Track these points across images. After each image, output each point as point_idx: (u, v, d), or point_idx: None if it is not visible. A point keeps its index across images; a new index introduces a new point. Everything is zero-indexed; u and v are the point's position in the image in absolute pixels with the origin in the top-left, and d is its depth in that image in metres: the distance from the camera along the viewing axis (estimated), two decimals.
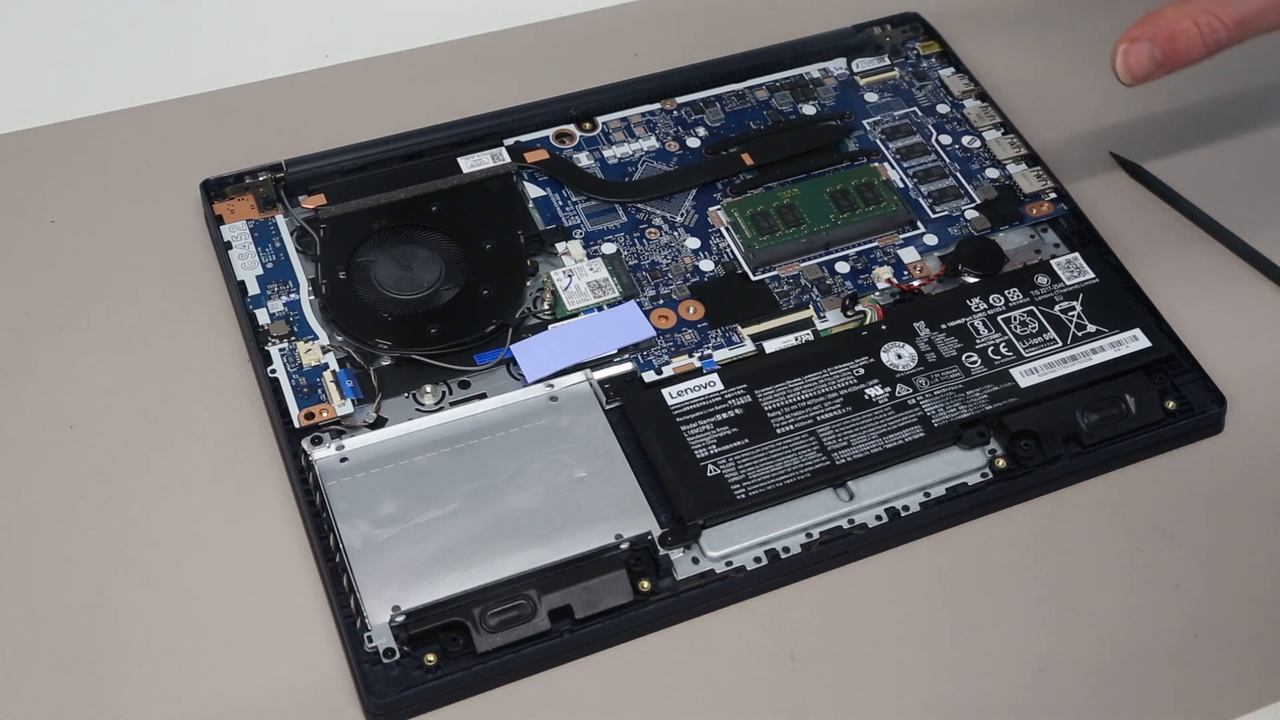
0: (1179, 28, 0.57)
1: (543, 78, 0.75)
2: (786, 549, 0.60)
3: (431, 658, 0.56)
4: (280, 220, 0.68)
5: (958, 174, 0.72)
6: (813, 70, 0.77)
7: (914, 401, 0.63)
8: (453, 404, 0.63)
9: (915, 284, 0.68)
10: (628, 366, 0.64)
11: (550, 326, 0.65)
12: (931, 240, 0.70)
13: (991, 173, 0.72)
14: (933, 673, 0.58)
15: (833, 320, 0.66)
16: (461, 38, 0.80)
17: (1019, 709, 0.57)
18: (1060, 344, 0.65)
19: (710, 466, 0.61)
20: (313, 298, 0.65)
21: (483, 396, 0.63)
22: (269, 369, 0.63)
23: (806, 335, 0.66)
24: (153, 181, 0.72)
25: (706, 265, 0.68)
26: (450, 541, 0.58)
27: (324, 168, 0.70)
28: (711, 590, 0.59)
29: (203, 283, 0.68)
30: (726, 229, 0.69)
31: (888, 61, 0.77)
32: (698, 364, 0.64)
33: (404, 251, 0.67)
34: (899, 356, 0.65)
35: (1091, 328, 0.66)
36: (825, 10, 0.80)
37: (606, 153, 0.72)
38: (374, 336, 0.64)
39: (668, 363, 0.64)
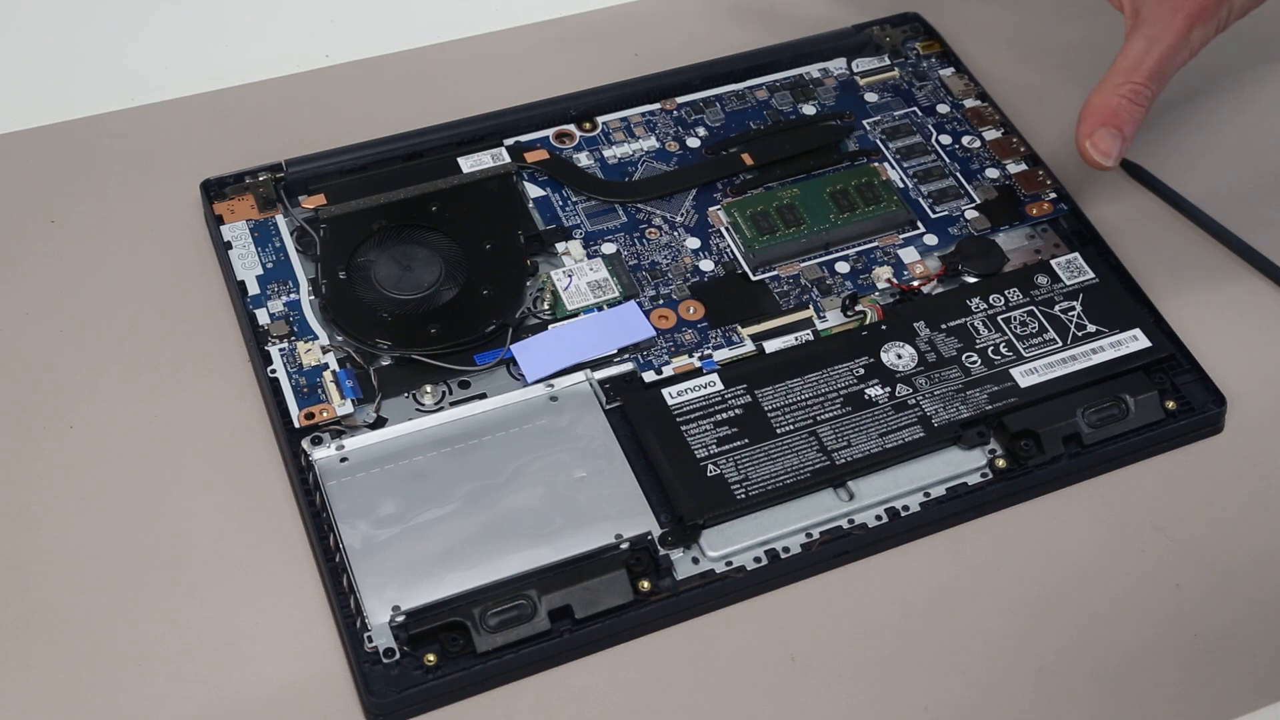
0: (1113, 105, 0.65)
1: (543, 78, 0.75)
2: (786, 549, 0.60)
3: (431, 658, 0.56)
4: (280, 220, 0.68)
5: (958, 174, 0.72)
6: (813, 70, 0.77)
7: (914, 401, 0.63)
8: (453, 404, 0.63)
9: (915, 284, 0.68)
10: (628, 366, 0.64)
11: (550, 326, 0.65)
12: (931, 240, 0.70)
13: (991, 173, 0.72)
14: (933, 673, 0.58)
15: (833, 320, 0.66)
16: (461, 38, 0.80)
17: (1019, 709, 0.57)
18: (1060, 344, 0.65)
19: (710, 466, 0.61)
20: (313, 298, 0.65)
21: (483, 396, 0.63)
22: (269, 369, 0.63)
23: (806, 335, 0.66)
24: (153, 181, 0.72)
25: (706, 265, 0.68)
26: (450, 541, 0.58)
27: (324, 168, 0.70)
28: (711, 590, 0.59)
29: (203, 283, 0.68)
30: (726, 229, 0.69)
31: (888, 61, 0.77)
32: (698, 364, 0.64)
33: (404, 251, 0.67)
34: (899, 356, 0.65)
35: (1091, 328, 0.66)
36: (825, 10, 0.80)
37: (606, 153, 0.72)
38: (374, 336, 0.64)
39: (668, 363, 0.64)
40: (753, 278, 0.68)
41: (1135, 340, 0.65)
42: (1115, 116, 0.65)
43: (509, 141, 0.72)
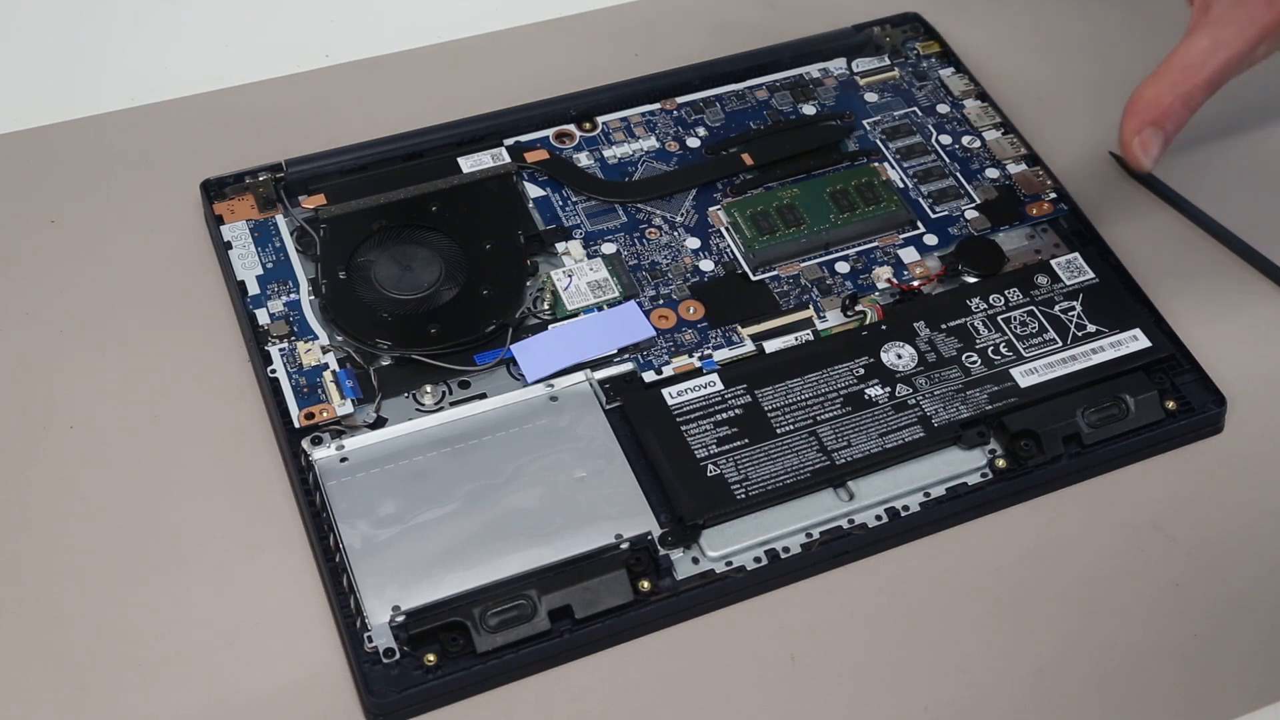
0: (1166, 104, 0.62)
1: (543, 78, 0.75)
2: (786, 549, 0.60)
3: (431, 658, 0.56)
4: (280, 220, 0.68)
5: (958, 174, 0.72)
6: (813, 70, 0.77)
7: (914, 401, 0.63)
8: (453, 404, 0.63)
9: (915, 284, 0.68)
10: (628, 366, 0.64)
11: (550, 326, 0.65)
12: (931, 240, 0.70)
13: (991, 173, 0.72)
14: (933, 673, 0.58)
15: (833, 320, 0.66)
16: (461, 38, 0.80)
17: (1019, 709, 0.57)
18: (1060, 344, 0.65)
19: (710, 466, 0.61)
20: (313, 298, 0.65)
21: (483, 396, 0.63)
22: (269, 369, 0.63)
23: (806, 335, 0.66)
24: (153, 181, 0.72)
25: (706, 265, 0.68)
26: (450, 541, 0.58)
27: (324, 168, 0.70)
28: (711, 590, 0.59)
29: (203, 283, 0.68)
30: (726, 229, 0.69)
31: (888, 61, 0.77)
32: (698, 364, 0.64)
33: (404, 251, 0.67)
34: (899, 356, 0.65)
35: (1091, 328, 0.66)
36: (825, 10, 0.80)
37: (606, 153, 0.72)
38: (374, 336, 0.64)
39: (668, 363, 0.64)
40: (753, 278, 0.68)
41: (1135, 340, 0.65)
42: (1165, 117, 0.62)
43: (509, 141, 0.72)
